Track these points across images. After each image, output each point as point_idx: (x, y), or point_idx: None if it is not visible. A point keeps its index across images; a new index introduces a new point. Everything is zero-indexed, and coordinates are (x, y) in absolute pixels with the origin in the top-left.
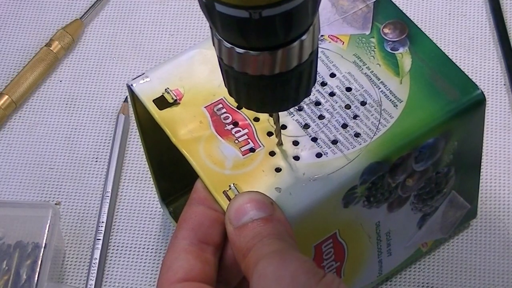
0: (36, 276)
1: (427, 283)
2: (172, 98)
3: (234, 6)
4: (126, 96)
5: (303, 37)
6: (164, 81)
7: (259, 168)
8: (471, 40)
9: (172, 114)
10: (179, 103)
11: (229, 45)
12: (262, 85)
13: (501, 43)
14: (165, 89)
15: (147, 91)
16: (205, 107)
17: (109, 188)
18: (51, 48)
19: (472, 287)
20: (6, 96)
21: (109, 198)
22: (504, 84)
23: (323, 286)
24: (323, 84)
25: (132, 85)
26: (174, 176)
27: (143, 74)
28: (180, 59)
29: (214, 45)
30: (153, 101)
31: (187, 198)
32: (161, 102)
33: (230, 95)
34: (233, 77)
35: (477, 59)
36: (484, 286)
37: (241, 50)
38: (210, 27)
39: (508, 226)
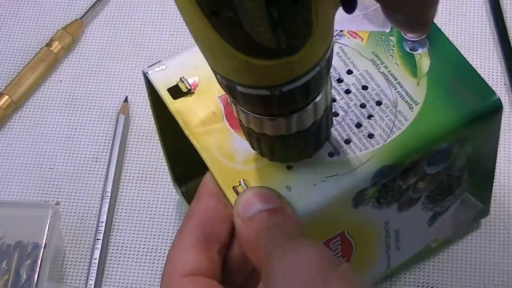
0: (36, 276)
1: (427, 283)
2: (186, 88)
3: (255, 87)
4: (126, 96)
5: (317, 99)
6: (179, 70)
7: (270, 164)
8: (471, 40)
9: (185, 104)
10: (193, 93)
11: (246, 111)
12: (282, 143)
13: (501, 43)
14: (180, 78)
15: (162, 80)
16: (219, 97)
17: (109, 188)
18: (51, 48)
19: None
20: (6, 96)
21: (109, 198)
22: (504, 84)
23: (341, 273)
24: (340, 80)
25: (147, 72)
26: (188, 162)
27: (159, 61)
28: (197, 48)
29: (231, 107)
30: (168, 90)
31: (201, 179)
32: (175, 91)
33: (253, 148)
34: (254, 137)
35: (477, 59)
36: (484, 286)
37: (258, 115)
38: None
39: (508, 226)
